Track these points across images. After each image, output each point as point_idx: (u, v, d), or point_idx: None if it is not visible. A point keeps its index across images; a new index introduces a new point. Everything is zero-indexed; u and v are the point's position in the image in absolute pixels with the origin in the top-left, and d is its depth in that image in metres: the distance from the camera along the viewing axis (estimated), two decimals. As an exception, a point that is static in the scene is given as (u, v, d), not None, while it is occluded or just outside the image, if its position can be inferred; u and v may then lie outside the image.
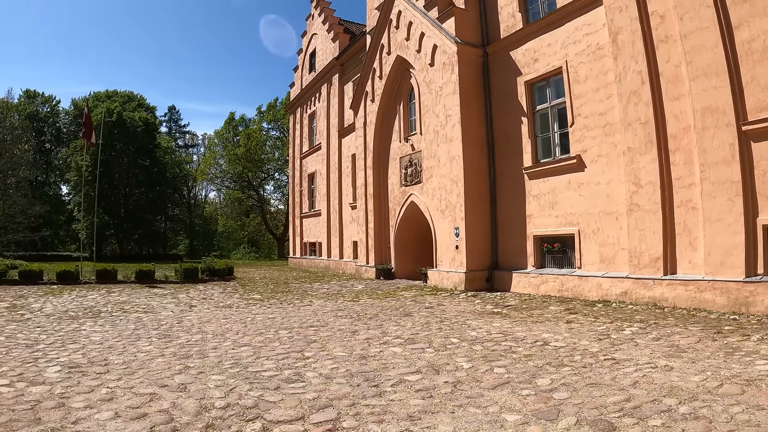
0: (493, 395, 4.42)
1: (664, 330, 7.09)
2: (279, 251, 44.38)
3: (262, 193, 47.21)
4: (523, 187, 12.59)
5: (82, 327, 7.94)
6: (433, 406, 4.14)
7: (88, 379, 4.88)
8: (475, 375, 5.08)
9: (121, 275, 16.17)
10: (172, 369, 5.27)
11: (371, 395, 4.44)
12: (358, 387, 4.68)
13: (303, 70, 28.12)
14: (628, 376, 4.89)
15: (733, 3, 8.02)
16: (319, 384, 4.76)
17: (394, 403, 4.21)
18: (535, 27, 12.05)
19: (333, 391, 4.55)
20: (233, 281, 17.32)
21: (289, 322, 8.55)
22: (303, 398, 4.34)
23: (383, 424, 3.74)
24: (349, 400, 4.29)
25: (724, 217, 8.22)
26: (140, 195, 39.30)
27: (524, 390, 4.54)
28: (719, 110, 8.22)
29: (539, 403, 4.18)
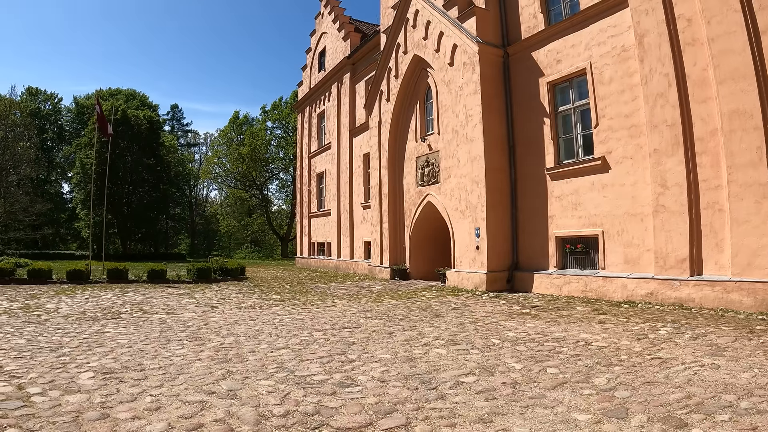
0: (555, 395, 4.57)
1: (698, 330, 7.43)
2: (282, 251, 44.81)
3: (266, 192, 47.76)
4: (545, 188, 12.94)
5: (104, 329, 7.99)
6: (499, 408, 4.25)
7: (126, 386, 4.80)
8: (530, 375, 5.24)
9: (132, 275, 16.49)
10: (214, 374, 5.26)
11: (433, 398, 4.51)
12: (417, 390, 4.75)
13: (312, 69, 28.48)
14: (680, 375, 5.15)
15: (761, 8, 8.38)
16: (375, 388, 4.81)
17: (459, 406, 4.29)
18: (559, 28, 12.40)
19: (392, 394, 4.60)
20: (246, 281, 17.68)
21: (319, 323, 8.74)
22: (364, 403, 4.35)
23: (456, 428, 3.78)
24: (412, 404, 4.34)
25: (752, 219, 8.58)
26: (144, 193, 39.73)
27: (584, 390, 4.72)
28: (747, 113, 8.58)
29: (604, 402, 4.35)
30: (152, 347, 6.72)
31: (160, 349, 6.57)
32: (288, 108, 43.35)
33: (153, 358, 6.05)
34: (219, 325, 8.62)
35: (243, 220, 47.29)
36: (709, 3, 8.99)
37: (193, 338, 7.38)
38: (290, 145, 43.94)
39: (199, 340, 7.24)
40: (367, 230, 22.40)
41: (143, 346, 6.79)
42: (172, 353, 6.32)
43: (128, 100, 41.61)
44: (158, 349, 6.57)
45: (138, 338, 7.33)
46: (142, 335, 7.57)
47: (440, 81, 15.85)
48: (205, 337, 7.46)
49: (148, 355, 6.20)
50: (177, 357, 6.12)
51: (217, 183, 49.74)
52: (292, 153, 43.46)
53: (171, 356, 6.15)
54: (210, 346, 6.80)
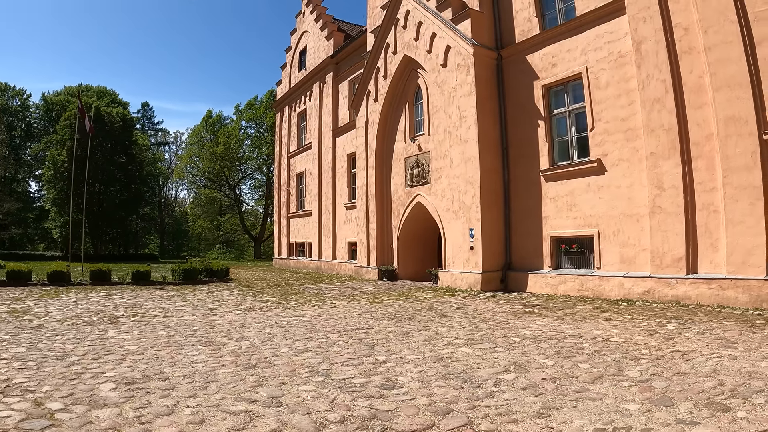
0: (598, 388, 4.76)
1: (702, 325, 7.85)
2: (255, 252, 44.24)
3: (239, 192, 47.02)
4: (539, 190, 13.31)
5: (106, 334, 7.71)
6: (551, 402, 4.37)
7: (156, 397, 4.53)
8: (565, 371, 5.44)
9: (116, 276, 16.08)
10: (246, 381, 5.10)
11: (483, 396, 4.59)
12: (462, 389, 4.82)
13: (292, 68, 28.30)
14: (704, 365, 5.49)
15: (756, 20, 8.91)
16: (420, 389, 4.82)
17: (511, 402, 4.39)
18: (554, 33, 12.79)
19: (441, 394, 4.64)
20: (232, 282, 17.47)
21: (329, 325, 8.72)
22: (417, 404, 4.36)
23: (519, 424, 3.87)
24: (465, 403, 4.39)
25: (746, 219, 9.10)
26: (115, 193, 38.60)
27: (623, 382, 4.95)
28: (742, 120, 9.10)
29: (646, 392, 4.59)
30: (166, 353, 6.48)
31: (175, 356, 6.34)
32: (263, 107, 42.88)
33: (172, 366, 5.80)
34: (226, 328, 8.46)
35: (215, 221, 46.43)
36: (706, 13, 9.49)
37: (206, 343, 7.20)
38: (265, 144, 43.45)
39: (213, 345, 7.06)
40: (351, 231, 22.43)
41: (156, 352, 6.53)
42: (190, 360, 6.11)
43: (99, 98, 40.32)
44: (174, 356, 6.34)
45: (147, 344, 7.07)
46: (150, 341, 7.31)
47: (432, 82, 16.06)
48: (218, 342, 7.29)
49: (166, 363, 5.95)
50: (198, 363, 5.92)
51: (189, 182, 48.76)
52: (266, 153, 43.01)
53: (191, 363, 5.93)
54: (228, 351, 6.63)
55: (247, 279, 19.52)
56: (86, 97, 39.71)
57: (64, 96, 41.93)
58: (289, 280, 18.94)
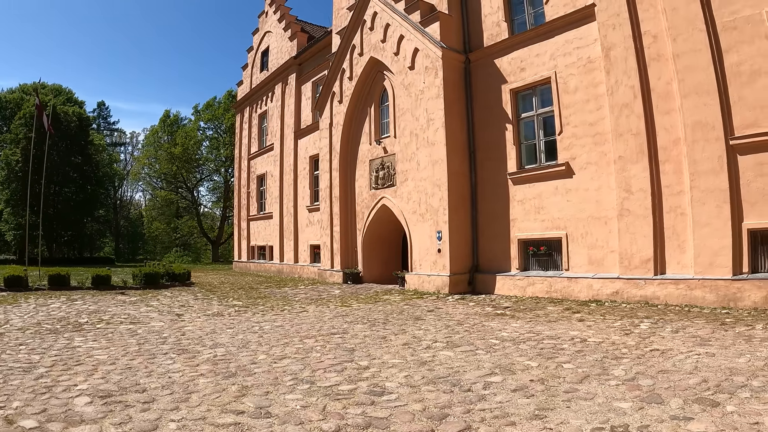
0: (586, 388, 4.68)
1: (674, 324, 7.77)
2: (213, 255, 42.53)
3: (196, 194, 45.14)
4: (506, 192, 13.11)
5: (72, 343, 7.13)
6: (544, 403, 4.28)
7: (136, 411, 4.18)
8: (551, 372, 5.32)
9: (75, 281, 14.89)
10: (228, 391, 4.77)
11: (475, 399, 4.44)
12: (453, 393, 4.65)
13: (253, 68, 27.29)
14: (685, 363, 5.45)
15: (724, 29, 8.98)
16: (411, 394, 4.65)
17: (505, 405, 4.27)
18: (524, 37, 12.66)
19: (432, 399, 4.48)
20: (195, 287, 16.48)
21: (303, 330, 8.27)
22: (411, 410, 4.20)
23: (518, 426, 3.78)
24: (460, 407, 4.24)
25: (713, 221, 9.13)
26: (70, 194, 36.19)
27: (610, 381, 4.88)
28: (709, 125, 9.15)
29: (635, 391, 4.53)
30: (139, 363, 5.93)
31: (149, 365, 5.83)
32: (222, 108, 41.32)
33: (148, 376, 5.33)
34: (197, 335, 7.85)
35: (172, 223, 44.33)
36: (675, 22, 9.51)
37: (180, 351, 6.64)
38: (223, 146, 41.90)
39: (187, 353, 6.52)
40: (313, 233, 21.71)
41: (128, 362, 6.00)
42: (166, 369, 5.64)
43: (55, 96, 37.71)
44: (147, 365, 5.82)
45: (117, 353, 6.48)
46: (120, 349, 6.70)
47: (399, 84, 15.66)
48: (191, 350, 6.74)
49: (140, 373, 5.49)
50: (174, 373, 5.45)
51: (146, 184, 46.47)
52: (225, 154, 41.47)
53: (167, 372, 5.51)
54: (204, 359, 6.14)
55: (210, 283, 18.51)
56: (41, 94, 37.15)
57: (19, 94, 38.93)
58: (253, 284, 18.06)
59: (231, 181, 41.75)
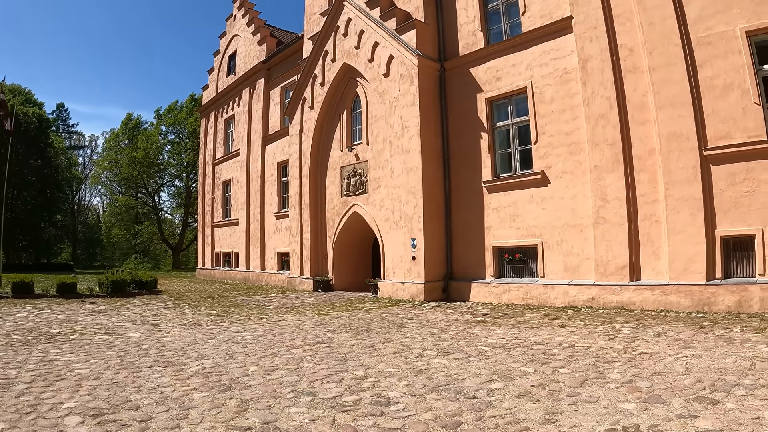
0: (588, 391, 4.62)
1: (655, 329, 7.70)
2: (174, 262, 40.59)
3: (157, 200, 43.07)
4: (481, 200, 12.89)
5: (49, 356, 6.50)
6: (552, 408, 4.20)
7: (134, 430, 3.80)
8: (549, 377, 5.17)
9: (39, 288, 13.67)
10: (228, 406, 4.37)
11: (483, 407, 4.30)
12: (459, 401, 4.47)
13: (220, 73, 26.25)
14: (675, 365, 5.41)
15: (698, 44, 9.06)
16: (417, 403, 4.45)
17: (514, 411, 4.16)
18: (500, 47, 12.52)
19: (440, 408, 4.29)
20: (163, 294, 15.52)
21: (287, 339, 7.77)
22: (423, 419, 4.01)
23: (538, 431, 3.72)
24: (470, 415, 4.09)
25: (687, 229, 9.16)
26: (29, 198, 33.69)
27: (609, 384, 4.82)
28: (683, 136, 9.19)
29: (635, 393, 4.50)
30: (125, 377, 5.40)
31: (136, 379, 5.30)
32: (184, 112, 39.66)
33: (138, 392, 4.84)
34: (179, 346, 7.23)
35: (132, 229, 42.06)
36: (651, 36, 9.56)
37: (165, 363, 6.06)
38: (185, 150, 40.20)
39: (173, 365, 5.95)
40: (281, 240, 20.93)
41: (112, 376, 5.47)
42: (155, 383, 5.17)
43: (14, 96, 35.05)
44: (134, 380, 5.30)
45: (99, 366, 5.92)
46: (101, 362, 6.11)
47: (372, 91, 15.27)
48: (177, 362, 6.16)
49: (129, 388, 4.99)
50: (165, 387, 5.00)
51: (106, 189, 43.96)
52: (187, 159, 39.78)
53: (157, 387, 5.01)
54: (192, 372, 5.63)
55: (177, 290, 17.45)
56: (2, 93, 34.56)
57: None
58: (221, 292, 17.14)
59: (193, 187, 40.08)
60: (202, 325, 9.31)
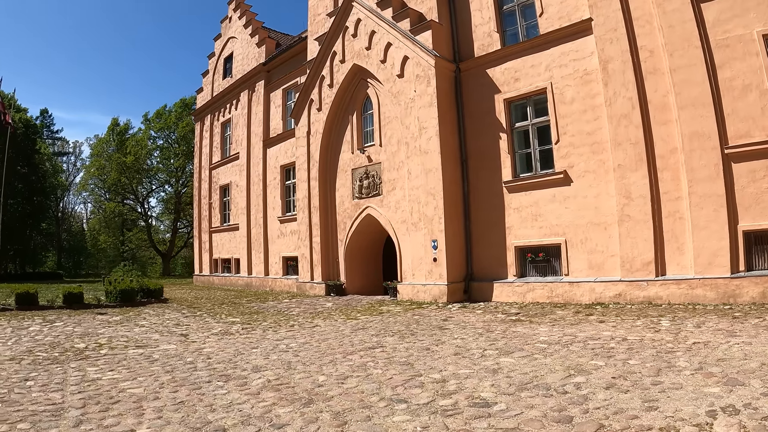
0: (669, 380, 5.11)
1: (692, 320, 8.42)
2: (164, 269, 40.64)
3: (147, 206, 43.08)
4: (501, 200, 13.56)
5: (88, 375, 6.36)
6: (646, 396, 4.63)
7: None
8: (624, 369, 5.70)
9: (43, 299, 13.87)
10: (323, 420, 4.47)
11: (580, 400, 4.68)
12: (554, 396, 4.86)
13: (215, 75, 26.59)
14: (732, 351, 6.06)
15: (717, 46, 9.85)
16: (515, 401, 4.77)
17: (613, 402, 4.57)
18: (517, 48, 13.21)
19: (541, 405, 4.63)
20: (173, 303, 15.87)
21: (336, 346, 8.12)
22: (533, 416, 4.32)
23: (642, 419, 4.10)
24: (575, 409, 4.46)
25: (711, 224, 9.93)
26: (16, 206, 33.43)
27: (683, 372, 5.35)
28: (705, 135, 9.96)
29: (711, 378, 5.04)
30: (187, 395, 5.40)
31: (202, 397, 5.31)
32: (173, 117, 39.77)
33: (212, 411, 4.82)
34: (224, 357, 7.45)
35: (122, 236, 41.94)
36: (671, 38, 10.32)
37: (223, 377, 6.19)
38: (174, 155, 40.29)
39: (233, 379, 6.10)
40: (286, 245, 21.38)
41: (172, 395, 5.43)
42: (227, 401, 5.17)
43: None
44: (201, 398, 5.30)
45: (151, 384, 5.88)
46: (151, 380, 6.13)
47: (386, 92, 15.84)
48: (235, 375, 6.33)
49: (200, 408, 4.95)
50: (241, 405, 5.01)
51: (95, 195, 43.68)
52: (176, 164, 39.87)
53: (230, 405, 5.02)
54: (259, 386, 5.73)
55: (184, 298, 17.81)
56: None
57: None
58: (230, 299, 17.53)
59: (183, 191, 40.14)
60: (234, 334, 9.65)
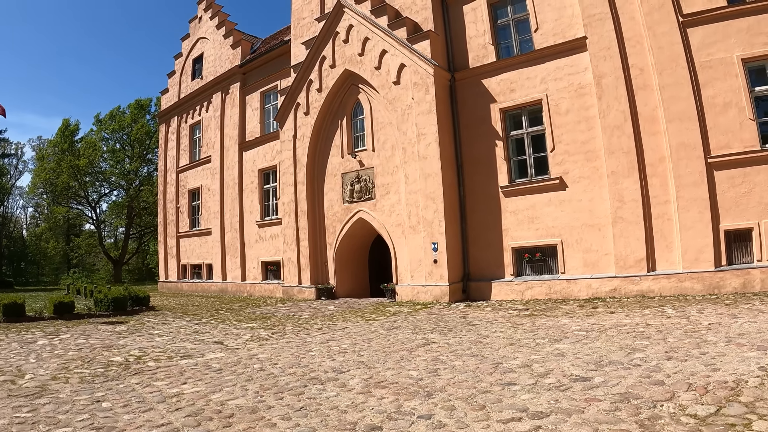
0: (711, 350, 6.36)
1: (692, 308, 9.84)
2: (116, 276, 38.99)
3: (99, 211, 41.05)
4: (498, 204, 14.66)
5: (167, 390, 6.10)
6: (702, 362, 5.83)
7: None
8: (668, 345, 6.90)
9: (29, 310, 13.47)
10: (473, 410, 4.81)
11: (655, 369, 5.72)
12: (630, 369, 5.84)
13: (183, 76, 26.21)
14: (746, 328, 7.47)
15: (701, 67, 11.38)
16: (608, 375, 5.64)
17: (681, 368, 5.69)
18: (513, 61, 14.38)
19: (626, 374, 5.59)
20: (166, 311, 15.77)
21: (389, 344, 8.49)
22: (631, 383, 5.24)
23: (713, 377, 5.21)
24: (658, 374, 5.48)
25: (696, 225, 11.45)
26: None
27: (718, 344, 6.64)
28: (691, 146, 11.48)
29: (743, 346, 6.33)
30: (299, 401, 5.42)
31: (319, 401, 5.39)
32: (129, 118, 38.27)
33: (342, 412, 4.96)
34: (291, 362, 7.44)
35: (69, 242, 39.70)
36: (660, 58, 11.78)
37: (311, 380, 6.24)
38: (133, 158, 38.76)
39: (327, 381, 6.18)
40: (265, 249, 21.60)
41: (281, 402, 5.41)
42: (349, 402, 5.32)
43: None
44: (317, 401, 5.39)
45: (247, 395, 5.74)
46: (241, 390, 5.98)
47: (380, 98, 16.54)
48: (322, 377, 6.36)
49: (329, 410, 5.05)
50: (367, 404, 5.23)
51: (46, 201, 40.87)
52: (131, 167, 38.38)
53: (355, 405, 5.19)
54: (360, 385, 5.91)
55: (169, 306, 17.66)
56: None
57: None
58: (219, 305, 17.61)
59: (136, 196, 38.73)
60: (269, 339, 9.79)
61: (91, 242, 41.20)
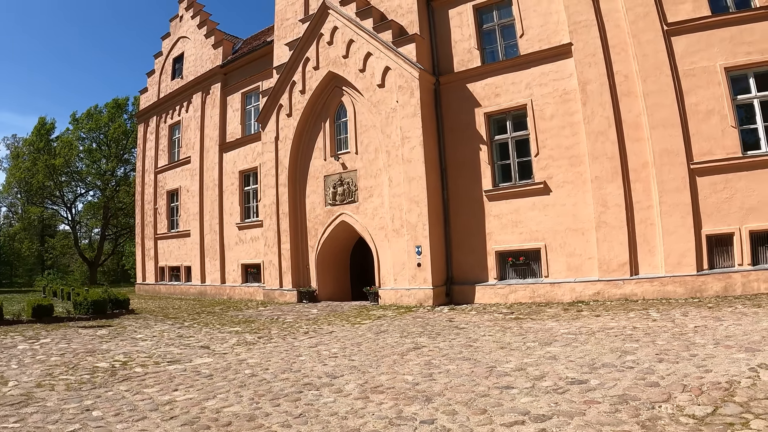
0: (701, 352, 6.47)
1: (677, 311, 9.96)
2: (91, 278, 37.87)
3: (74, 212, 39.79)
4: (481, 208, 14.62)
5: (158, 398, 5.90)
6: (693, 364, 5.93)
7: None
8: (658, 347, 6.96)
9: (6, 313, 12.97)
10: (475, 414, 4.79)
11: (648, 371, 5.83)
12: (624, 371, 5.88)
13: (162, 75, 25.67)
14: (731, 330, 7.60)
15: (685, 75, 11.53)
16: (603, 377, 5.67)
17: (674, 369, 5.74)
18: (499, 66, 14.38)
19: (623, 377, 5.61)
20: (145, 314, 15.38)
21: (379, 348, 8.41)
22: (627, 385, 5.28)
23: (706, 378, 5.29)
24: (653, 376, 5.55)
25: (678, 229, 11.57)
26: None
27: (706, 345, 6.77)
28: (673, 152, 11.60)
29: (731, 348, 6.43)
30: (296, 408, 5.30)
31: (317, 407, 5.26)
32: (106, 117, 37.28)
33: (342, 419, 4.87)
34: (282, 367, 7.31)
35: (42, 243, 38.39)
36: (644, 66, 11.90)
37: (306, 386, 6.16)
38: (110, 158, 37.73)
39: (322, 387, 6.11)
40: (246, 252, 21.22)
41: (277, 409, 5.29)
42: (348, 408, 5.25)
43: None
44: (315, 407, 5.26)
45: (242, 402, 5.61)
46: (235, 397, 5.85)
47: (364, 101, 16.40)
48: (316, 383, 6.27)
49: (329, 416, 4.98)
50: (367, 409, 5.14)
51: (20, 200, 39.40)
52: (108, 167, 37.34)
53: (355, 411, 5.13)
54: (357, 390, 5.86)
55: (149, 309, 17.23)
56: None
57: None
58: (200, 308, 17.23)
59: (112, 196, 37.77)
60: (256, 343, 9.60)
61: (66, 243, 40.09)
